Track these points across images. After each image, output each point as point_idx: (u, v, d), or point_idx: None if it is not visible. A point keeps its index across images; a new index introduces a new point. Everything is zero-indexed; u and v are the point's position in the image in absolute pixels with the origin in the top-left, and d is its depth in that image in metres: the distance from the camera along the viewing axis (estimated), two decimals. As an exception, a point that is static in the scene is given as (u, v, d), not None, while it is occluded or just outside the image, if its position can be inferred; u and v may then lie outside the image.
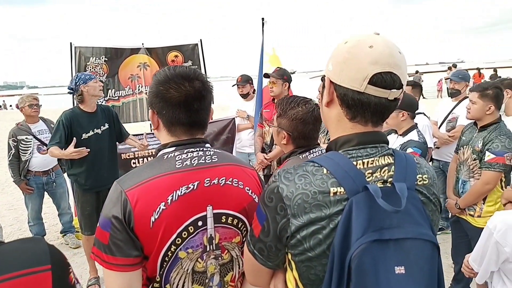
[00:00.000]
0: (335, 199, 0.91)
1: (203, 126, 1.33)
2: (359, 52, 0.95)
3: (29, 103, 4.41)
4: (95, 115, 3.62)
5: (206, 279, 1.27)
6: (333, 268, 0.87)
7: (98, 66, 4.99)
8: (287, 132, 1.76)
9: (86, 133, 3.53)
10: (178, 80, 1.23)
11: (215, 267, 1.28)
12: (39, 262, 0.70)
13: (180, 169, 1.22)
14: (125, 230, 1.14)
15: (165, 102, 1.23)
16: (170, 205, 1.17)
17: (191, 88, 1.24)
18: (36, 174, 4.49)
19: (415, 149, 2.87)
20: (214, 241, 1.26)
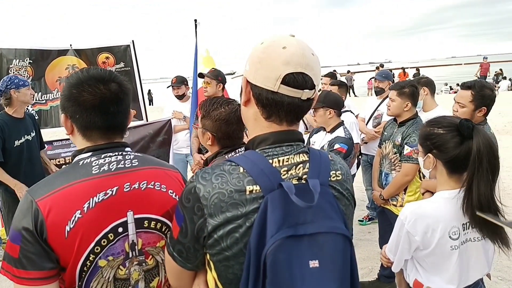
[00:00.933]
0: (251, 197, 0.93)
1: (122, 129, 1.32)
2: (272, 53, 0.98)
3: None
4: (24, 121, 3.49)
5: (130, 286, 1.27)
6: (249, 266, 0.89)
7: (22, 68, 4.71)
8: (212, 133, 1.79)
9: (19, 139, 3.38)
10: (92, 83, 1.21)
11: (139, 273, 1.28)
12: None
13: (97, 175, 1.21)
14: (37, 242, 1.11)
15: (79, 105, 1.21)
16: (87, 213, 1.15)
17: (106, 91, 1.22)
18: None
19: (342, 145, 3.03)
20: (136, 247, 1.26)
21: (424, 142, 1.69)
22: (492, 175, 1.52)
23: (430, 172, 1.70)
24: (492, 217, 1.41)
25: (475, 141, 1.51)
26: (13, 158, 3.39)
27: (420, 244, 1.62)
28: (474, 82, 2.65)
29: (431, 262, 1.64)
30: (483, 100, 2.58)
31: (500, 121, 11.21)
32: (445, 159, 1.62)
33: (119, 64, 5.04)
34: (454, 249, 1.60)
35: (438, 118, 1.72)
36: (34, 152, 3.50)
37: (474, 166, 1.50)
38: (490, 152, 1.51)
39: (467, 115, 2.57)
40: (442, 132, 1.61)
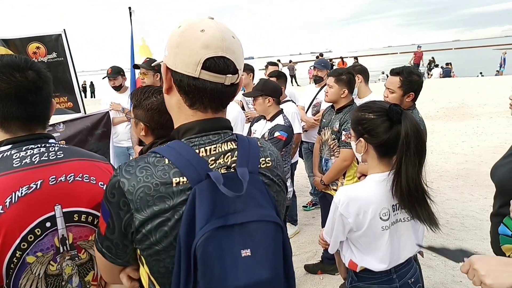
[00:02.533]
0: (178, 189, 0.91)
1: (44, 120, 1.27)
2: (190, 36, 0.94)
3: None
4: None
5: (63, 281, 1.23)
6: (180, 259, 0.87)
7: None
8: (144, 123, 1.75)
9: None
10: (6, 71, 1.15)
11: (72, 268, 1.25)
12: None
13: (19, 168, 1.15)
14: None
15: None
16: (9, 208, 1.10)
17: (23, 79, 1.16)
18: None
19: (282, 133, 3.09)
20: (67, 242, 1.23)
21: (356, 126, 1.74)
22: (419, 159, 1.58)
23: (362, 156, 1.76)
24: (437, 250, 1.42)
25: (403, 126, 1.56)
26: None
27: (353, 226, 1.68)
28: (403, 68, 2.78)
29: (364, 242, 1.71)
30: (411, 85, 2.71)
31: (433, 107, 11.93)
32: (375, 143, 1.68)
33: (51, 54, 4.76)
34: (385, 229, 1.67)
35: (369, 103, 1.77)
36: None
37: (403, 150, 1.56)
38: (418, 136, 1.57)
39: (397, 100, 2.70)
40: (373, 117, 1.67)
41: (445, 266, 3.69)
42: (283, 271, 0.97)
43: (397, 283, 1.75)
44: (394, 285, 1.74)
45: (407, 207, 1.65)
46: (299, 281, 3.64)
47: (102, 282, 1.35)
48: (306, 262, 3.92)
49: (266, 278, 0.89)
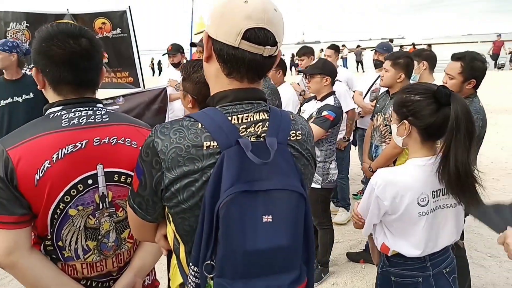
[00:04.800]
0: (208, 152, 0.94)
1: (93, 85, 1.34)
2: (234, 7, 0.96)
3: None
4: (17, 83, 3.51)
5: (99, 235, 1.31)
6: (204, 218, 0.91)
7: (19, 32, 4.70)
8: (192, 96, 1.80)
9: (4, 100, 3.42)
10: (61, 37, 1.22)
11: (110, 224, 1.33)
12: None
13: (67, 127, 1.23)
14: (8, 188, 1.15)
15: (48, 59, 1.23)
16: (56, 163, 1.19)
17: (76, 46, 1.23)
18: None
19: (330, 112, 3.05)
20: (107, 199, 1.30)
21: (399, 109, 1.69)
22: (469, 142, 1.51)
23: (403, 140, 1.70)
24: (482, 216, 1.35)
25: (453, 108, 1.49)
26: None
27: (388, 209, 1.64)
28: (465, 54, 2.61)
29: (399, 227, 1.67)
30: (472, 72, 2.54)
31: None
32: (420, 126, 1.62)
33: (116, 30, 5.00)
34: (422, 215, 1.62)
35: (414, 84, 1.71)
36: (20, 114, 3.53)
37: (452, 133, 1.49)
38: (468, 118, 1.50)
39: (456, 87, 2.54)
40: (419, 98, 1.61)
41: (500, 267, 3.47)
42: (303, 240, 0.98)
43: (431, 271, 1.69)
44: (427, 273, 1.69)
45: (454, 192, 1.58)
46: (340, 268, 3.62)
47: (137, 240, 1.42)
48: (349, 250, 3.88)
49: (284, 245, 0.92)
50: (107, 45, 5.11)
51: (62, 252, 1.27)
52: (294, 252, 0.95)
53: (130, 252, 1.40)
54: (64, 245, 1.26)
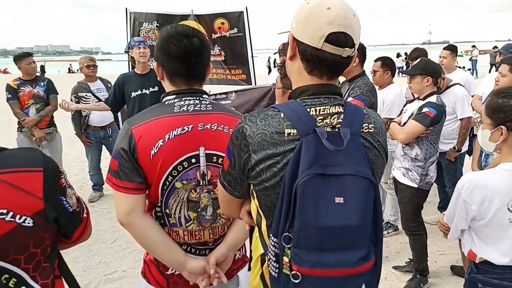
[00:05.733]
0: (289, 139, 1.07)
1: (201, 78, 1.53)
2: (318, 13, 1.07)
3: (87, 64, 4.91)
4: (145, 77, 4.01)
5: (199, 208, 1.50)
6: (284, 195, 1.04)
7: (150, 31, 5.33)
8: None
9: (134, 92, 3.93)
10: (178, 37, 1.44)
11: (208, 200, 1.51)
12: (33, 164, 0.93)
13: (178, 113, 1.44)
14: (130, 160, 1.39)
15: (167, 55, 1.45)
16: (167, 142, 1.40)
17: (189, 45, 1.44)
18: (94, 129, 5.01)
19: (430, 109, 2.92)
20: (206, 177, 1.49)
21: (495, 114, 1.62)
22: None
23: (497, 145, 1.64)
24: None
25: None
26: (130, 107, 4.03)
27: (476, 214, 1.59)
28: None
29: (487, 233, 1.60)
30: None
31: None
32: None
33: (233, 30, 5.35)
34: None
35: (510, 88, 1.65)
36: (148, 105, 4.03)
37: None
38: None
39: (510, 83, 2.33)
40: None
41: None
42: (372, 223, 1.06)
43: None
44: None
45: None
46: (442, 281, 3.44)
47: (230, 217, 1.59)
48: (455, 263, 3.64)
49: (354, 224, 1.00)
50: (224, 43, 5.51)
51: (169, 219, 1.49)
52: (362, 233, 1.03)
53: (224, 227, 1.57)
54: (171, 212, 1.48)
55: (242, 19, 5.33)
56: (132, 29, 5.25)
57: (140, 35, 5.21)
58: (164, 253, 1.47)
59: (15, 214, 0.87)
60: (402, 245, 3.88)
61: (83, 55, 5.23)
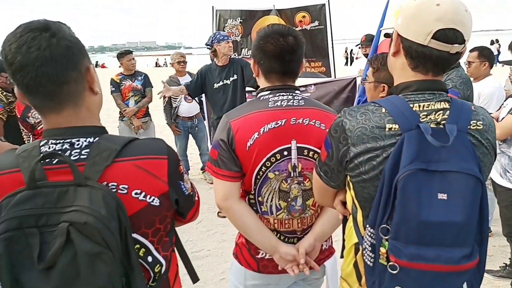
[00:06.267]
0: (390, 133, 1.08)
1: (294, 75, 1.61)
2: (426, 9, 1.05)
3: (177, 60, 5.28)
4: (225, 68, 4.24)
5: (289, 198, 1.59)
6: (382, 188, 1.05)
7: (234, 27, 5.54)
8: (388, 84, 1.89)
9: (217, 83, 4.17)
10: (274, 36, 1.53)
11: (298, 191, 1.59)
12: (159, 152, 1.06)
13: (272, 108, 1.54)
14: (228, 150, 1.52)
15: (264, 53, 1.55)
16: (262, 135, 1.50)
17: (285, 43, 1.52)
18: (183, 119, 5.39)
19: None
20: (297, 169, 1.57)
21: None
22: None
23: None
24: None
25: None
26: (214, 97, 4.27)
27: None
28: None
29: None
30: None
31: None
32: None
33: (314, 23, 5.36)
34: None
35: None
36: (230, 93, 4.26)
37: None
38: None
39: None
40: None
41: None
42: (478, 222, 1.04)
43: None
44: None
45: None
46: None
47: (318, 209, 1.66)
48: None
49: (457, 221, 0.99)
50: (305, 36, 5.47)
51: (261, 206, 1.60)
52: (467, 230, 1.02)
53: (312, 218, 1.65)
54: (263, 200, 1.59)
55: (323, 11, 5.31)
56: (218, 25, 5.50)
57: (224, 31, 5.43)
58: (258, 236, 1.58)
59: (146, 194, 1.01)
60: (495, 248, 3.64)
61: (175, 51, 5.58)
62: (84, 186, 0.92)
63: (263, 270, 1.66)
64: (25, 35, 0.92)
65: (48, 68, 0.93)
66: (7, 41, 0.94)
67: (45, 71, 0.93)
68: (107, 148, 0.99)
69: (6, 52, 0.93)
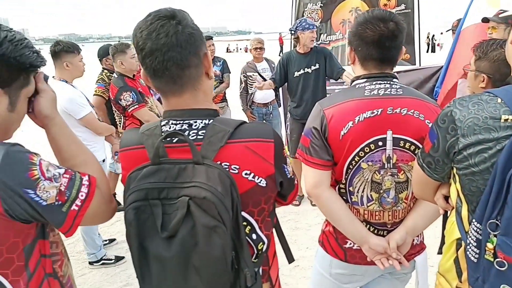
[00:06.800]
0: (505, 125, 1.01)
1: (393, 62, 1.55)
2: None
3: (255, 46, 5.31)
4: (307, 56, 4.19)
5: (381, 190, 1.55)
6: (493, 182, 0.99)
7: (314, 12, 5.44)
8: (488, 75, 1.78)
9: (297, 71, 4.14)
10: (374, 22, 1.47)
11: (391, 183, 1.55)
12: (267, 136, 1.09)
13: (368, 96, 1.49)
14: (321, 138, 1.51)
15: (361, 40, 1.50)
16: (357, 124, 1.47)
17: (385, 29, 1.46)
18: (258, 105, 5.43)
19: None
20: (391, 161, 1.52)
21: None
22: None
23: None
24: None
25: None
26: (294, 85, 4.25)
27: None
28: None
29: None
30: None
31: None
32: None
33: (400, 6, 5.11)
34: None
35: None
36: (310, 82, 4.21)
37: None
38: None
39: None
40: None
41: None
42: None
43: None
44: None
45: None
46: None
47: (411, 203, 1.60)
48: None
49: None
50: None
51: (351, 196, 1.58)
52: None
53: (404, 211, 1.59)
54: (354, 191, 1.57)
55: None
56: (297, 10, 5.44)
57: (304, 15, 5.37)
58: (347, 225, 1.57)
59: (255, 175, 1.06)
60: None
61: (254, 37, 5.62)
62: (202, 164, 0.98)
63: (350, 260, 1.65)
64: (154, 22, 1.00)
65: (174, 53, 1.00)
66: (138, 28, 1.03)
67: (171, 55, 1.00)
68: (221, 129, 1.05)
69: (137, 39, 1.02)
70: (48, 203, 0.96)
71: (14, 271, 0.97)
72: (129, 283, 3.35)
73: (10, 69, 0.99)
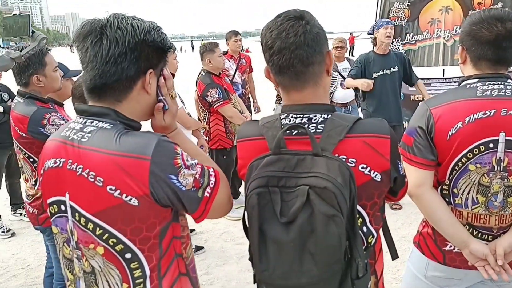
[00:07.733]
0: None
1: (509, 63, 1.50)
2: None
3: (336, 45, 5.30)
4: (386, 57, 4.13)
5: (489, 193, 1.50)
6: None
7: (400, 10, 5.28)
8: None
9: (376, 72, 4.08)
10: (491, 21, 1.44)
11: (499, 186, 1.49)
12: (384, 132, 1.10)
13: (480, 97, 1.46)
14: (426, 138, 1.50)
15: (476, 40, 1.47)
16: (466, 125, 1.44)
17: (502, 29, 1.42)
18: (337, 105, 5.40)
19: None
20: (502, 164, 1.46)
21: None
22: None
23: None
24: None
25: None
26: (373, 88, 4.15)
27: None
28: None
29: None
30: None
31: None
32: None
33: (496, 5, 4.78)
34: None
35: None
36: (388, 84, 4.13)
37: None
38: None
39: None
40: None
41: None
42: None
43: None
44: None
45: None
46: None
47: None
48: None
49: None
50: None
51: (454, 198, 1.55)
52: None
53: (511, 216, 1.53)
54: (458, 192, 1.53)
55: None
56: (382, 9, 5.31)
57: (389, 15, 5.23)
58: (448, 227, 1.54)
59: (371, 169, 1.09)
60: None
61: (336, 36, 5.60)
62: (321, 156, 1.04)
63: (449, 263, 1.61)
64: (285, 23, 1.08)
65: (301, 51, 1.08)
66: (268, 28, 1.12)
67: (298, 53, 1.08)
68: (340, 124, 1.10)
69: (266, 38, 1.11)
70: (187, 189, 1.07)
71: (150, 247, 1.10)
72: (208, 272, 3.45)
73: (159, 52, 1.14)
